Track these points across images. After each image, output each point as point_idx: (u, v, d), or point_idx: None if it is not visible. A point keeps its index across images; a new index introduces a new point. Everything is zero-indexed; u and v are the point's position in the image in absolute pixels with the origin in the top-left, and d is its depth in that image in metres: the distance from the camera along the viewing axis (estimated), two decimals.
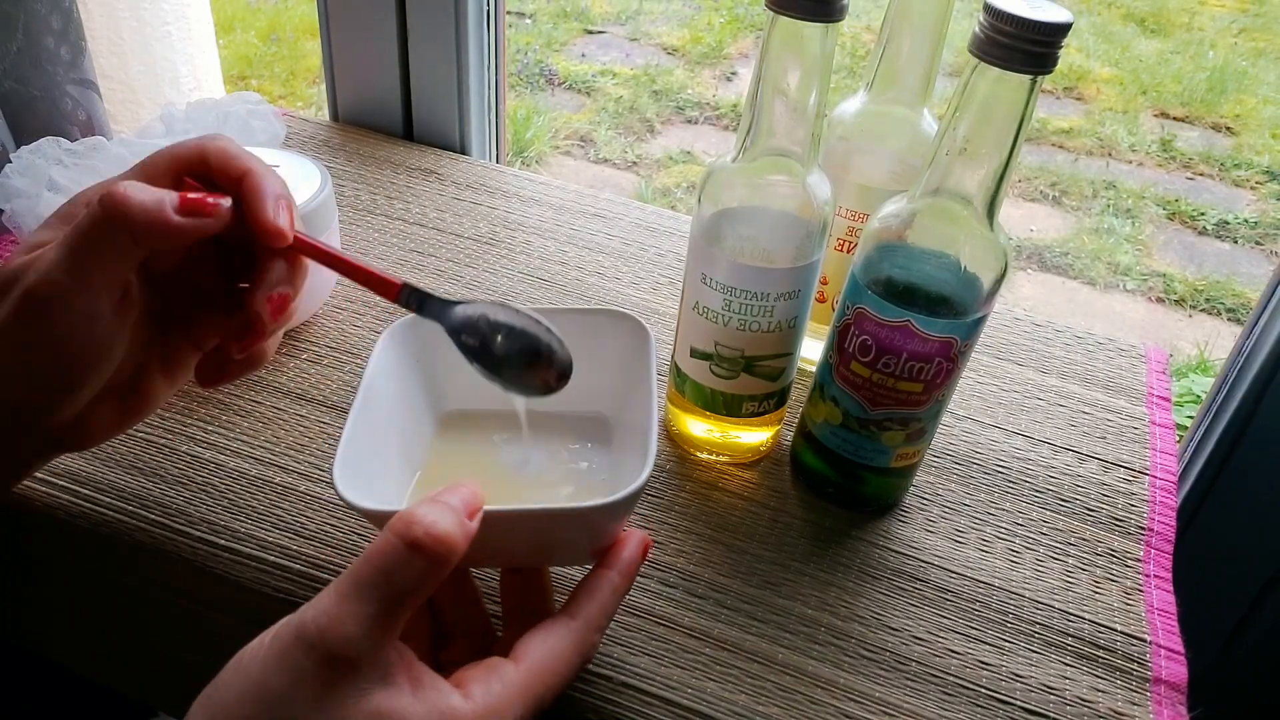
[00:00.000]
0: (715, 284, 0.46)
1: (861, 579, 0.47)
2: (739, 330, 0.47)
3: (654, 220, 0.75)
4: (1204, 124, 2.47)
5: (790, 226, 0.45)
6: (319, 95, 2.35)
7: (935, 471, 0.54)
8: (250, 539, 0.46)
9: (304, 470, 0.50)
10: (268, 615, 0.44)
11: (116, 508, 0.47)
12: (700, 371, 0.49)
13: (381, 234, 0.70)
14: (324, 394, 0.55)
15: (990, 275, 0.42)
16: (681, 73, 2.62)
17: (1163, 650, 0.45)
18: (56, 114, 0.68)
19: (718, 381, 0.49)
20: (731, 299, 0.46)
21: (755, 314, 0.46)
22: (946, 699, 0.42)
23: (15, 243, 0.64)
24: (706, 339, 0.48)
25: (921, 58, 0.48)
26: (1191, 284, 1.93)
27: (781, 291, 0.46)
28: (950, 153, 0.40)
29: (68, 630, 0.56)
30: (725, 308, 0.46)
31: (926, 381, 0.44)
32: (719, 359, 0.48)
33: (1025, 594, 0.47)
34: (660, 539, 0.48)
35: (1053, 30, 0.36)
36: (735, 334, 0.47)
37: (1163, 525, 0.52)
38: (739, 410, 0.50)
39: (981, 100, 0.38)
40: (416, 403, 0.45)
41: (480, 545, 0.33)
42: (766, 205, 0.46)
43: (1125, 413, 0.60)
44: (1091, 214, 2.13)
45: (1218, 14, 3.00)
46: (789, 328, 0.48)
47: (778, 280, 0.45)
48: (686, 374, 0.50)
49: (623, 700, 0.41)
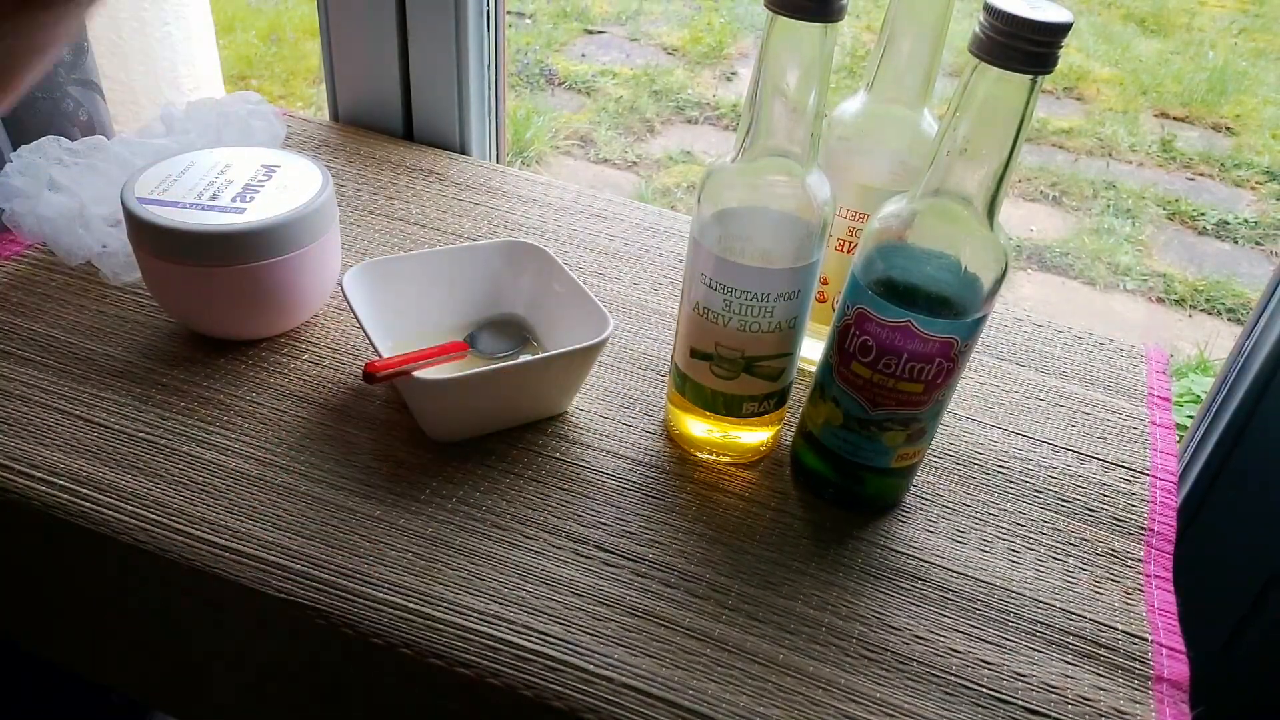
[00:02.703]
0: (715, 284, 0.46)
1: (862, 579, 0.47)
2: (739, 331, 0.47)
3: (654, 220, 0.75)
4: (1204, 124, 2.46)
5: (790, 227, 0.45)
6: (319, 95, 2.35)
7: (935, 471, 0.54)
8: (250, 539, 0.46)
9: (304, 470, 0.50)
10: (268, 615, 0.44)
11: (116, 508, 0.47)
12: (701, 372, 0.49)
13: (381, 234, 0.70)
14: (324, 395, 0.55)
15: (991, 275, 0.42)
16: (681, 73, 2.62)
17: (1164, 649, 0.45)
18: (58, 114, 0.68)
19: (718, 382, 0.49)
20: (732, 299, 0.46)
21: (755, 314, 0.46)
22: (948, 698, 0.42)
23: (15, 242, 0.64)
24: (707, 340, 0.48)
25: (921, 58, 0.48)
26: (1191, 284, 1.93)
27: (782, 292, 0.46)
28: (950, 153, 0.40)
29: (67, 630, 0.56)
30: (725, 308, 0.46)
31: (927, 382, 0.44)
32: (719, 360, 0.48)
33: (1026, 593, 0.47)
34: (661, 540, 0.48)
35: (1053, 30, 0.36)
36: (735, 334, 0.47)
37: (1163, 525, 0.52)
38: (739, 410, 0.50)
39: (982, 100, 0.38)
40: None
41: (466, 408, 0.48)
42: (766, 205, 0.46)
43: (1125, 413, 0.60)
44: (1091, 214, 2.13)
45: (1218, 14, 3.00)
46: (789, 328, 0.47)
47: (778, 280, 0.45)
48: (687, 374, 0.50)
49: (623, 701, 0.41)
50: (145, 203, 0.53)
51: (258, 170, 0.57)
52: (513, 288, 0.58)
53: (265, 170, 0.57)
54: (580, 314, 0.53)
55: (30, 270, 0.62)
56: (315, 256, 0.56)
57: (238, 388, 0.55)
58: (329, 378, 0.56)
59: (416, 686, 0.43)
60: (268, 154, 0.59)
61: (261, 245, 0.53)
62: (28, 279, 0.62)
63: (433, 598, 0.44)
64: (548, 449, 0.53)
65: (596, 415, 0.55)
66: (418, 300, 0.56)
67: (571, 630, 0.43)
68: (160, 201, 0.53)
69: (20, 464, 0.49)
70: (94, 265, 0.62)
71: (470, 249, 0.58)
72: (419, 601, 0.44)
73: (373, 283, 0.54)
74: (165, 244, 0.52)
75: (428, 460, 0.51)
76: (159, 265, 0.53)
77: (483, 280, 0.58)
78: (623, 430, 0.54)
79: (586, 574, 0.46)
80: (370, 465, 0.50)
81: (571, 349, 0.50)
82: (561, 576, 0.46)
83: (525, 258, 0.58)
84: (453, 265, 0.57)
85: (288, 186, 0.55)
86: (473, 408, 0.51)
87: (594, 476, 0.51)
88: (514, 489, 0.50)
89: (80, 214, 0.61)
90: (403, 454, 0.51)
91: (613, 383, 0.58)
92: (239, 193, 0.54)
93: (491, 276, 0.58)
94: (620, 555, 0.47)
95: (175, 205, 0.53)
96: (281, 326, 0.58)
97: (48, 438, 0.50)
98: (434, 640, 0.42)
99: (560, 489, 0.50)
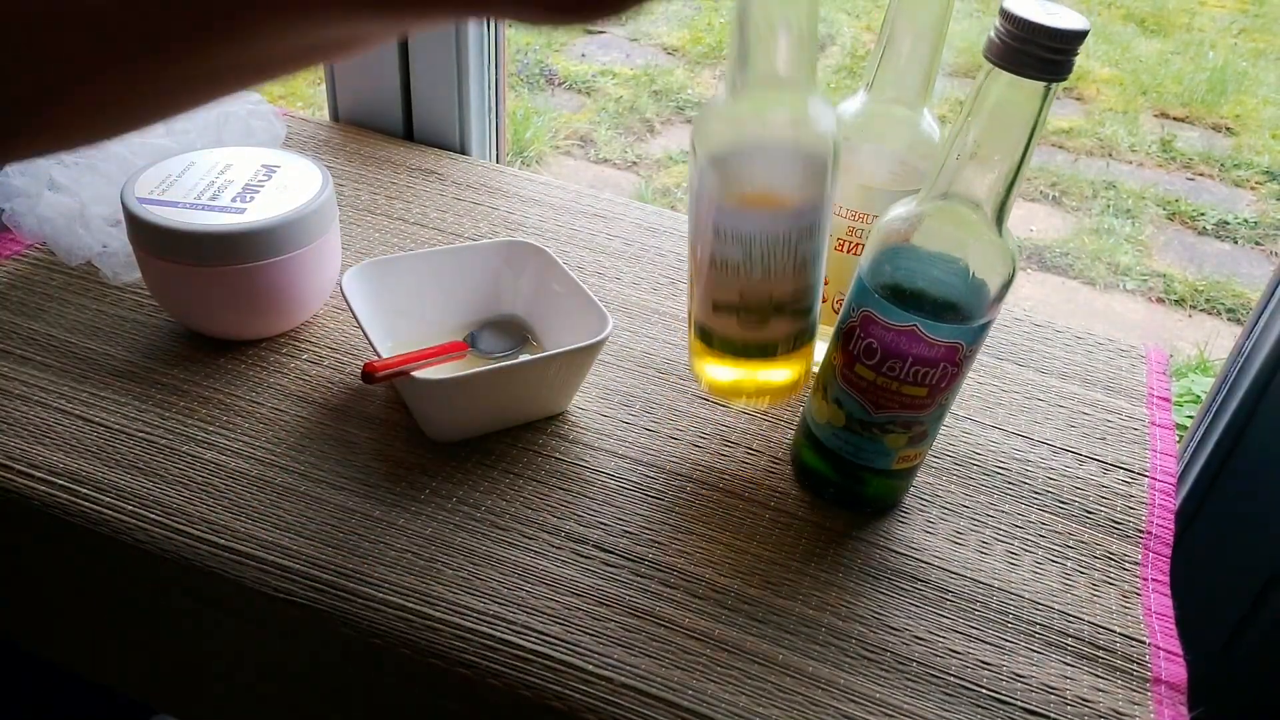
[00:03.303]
0: (730, 236, 0.43)
1: (862, 579, 0.47)
2: (763, 280, 0.45)
3: (654, 220, 0.75)
4: (1204, 124, 2.46)
5: (798, 161, 0.43)
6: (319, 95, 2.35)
7: (935, 472, 0.54)
8: (250, 539, 0.46)
9: (304, 470, 0.50)
10: (268, 615, 0.44)
11: (116, 508, 0.47)
12: (727, 325, 0.48)
13: (381, 234, 0.70)
14: (324, 394, 0.55)
15: (998, 280, 0.42)
16: (681, 73, 2.62)
17: (1161, 652, 0.45)
18: None
19: (747, 332, 0.47)
20: (753, 247, 0.44)
21: (778, 259, 0.44)
22: (947, 699, 0.42)
23: (15, 242, 0.64)
24: (729, 292, 0.46)
25: (921, 58, 0.48)
26: (1191, 284, 1.93)
27: (802, 227, 0.43)
28: (960, 156, 0.40)
29: (68, 630, 0.56)
30: (747, 257, 0.44)
31: (931, 385, 0.44)
32: (746, 310, 0.46)
33: (1025, 595, 0.47)
34: (661, 540, 0.48)
35: (1068, 38, 0.35)
36: (759, 284, 0.45)
37: (1161, 529, 0.52)
38: (774, 353, 0.49)
39: (994, 105, 0.38)
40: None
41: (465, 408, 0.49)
42: (769, 142, 0.43)
43: (1125, 413, 0.60)
44: (1091, 214, 2.13)
45: (1218, 14, 3.00)
46: (812, 263, 0.45)
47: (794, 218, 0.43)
48: (712, 329, 0.48)
49: (623, 701, 0.41)
50: (145, 203, 0.53)
51: (258, 170, 0.57)
52: (512, 288, 0.58)
53: (265, 170, 0.57)
54: (580, 314, 0.53)
55: (30, 270, 0.62)
56: (315, 257, 0.56)
57: (238, 388, 0.55)
58: (329, 378, 0.56)
59: (416, 686, 0.43)
60: (268, 154, 0.59)
61: (261, 245, 0.53)
62: (28, 279, 0.62)
63: (432, 598, 0.44)
64: (548, 449, 0.53)
65: (596, 415, 0.55)
66: (417, 300, 0.56)
67: (571, 630, 0.43)
68: (160, 201, 0.53)
69: (20, 464, 0.49)
70: (94, 265, 0.62)
71: (470, 249, 0.58)
72: (419, 601, 0.44)
73: (372, 283, 0.54)
74: (165, 244, 0.52)
75: (427, 460, 0.51)
76: (159, 265, 0.53)
77: (482, 280, 0.58)
78: (623, 430, 0.54)
79: (586, 574, 0.46)
80: (370, 465, 0.50)
81: (571, 348, 0.50)
82: (561, 576, 0.46)
83: (525, 258, 0.58)
84: (453, 265, 0.57)
85: (288, 186, 0.55)
86: (472, 408, 0.51)
87: (594, 476, 0.51)
88: (514, 489, 0.50)
89: (80, 214, 0.61)
90: (402, 454, 0.51)
91: (612, 382, 0.58)
92: (239, 193, 0.54)
93: (491, 276, 0.58)
94: (620, 555, 0.47)
95: (175, 205, 0.53)
96: (281, 326, 0.58)
97: (48, 437, 0.50)
98: (434, 640, 0.42)
99: (560, 489, 0.50)
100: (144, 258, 0.54)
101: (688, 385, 0.58)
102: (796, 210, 0.43)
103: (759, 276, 0.44)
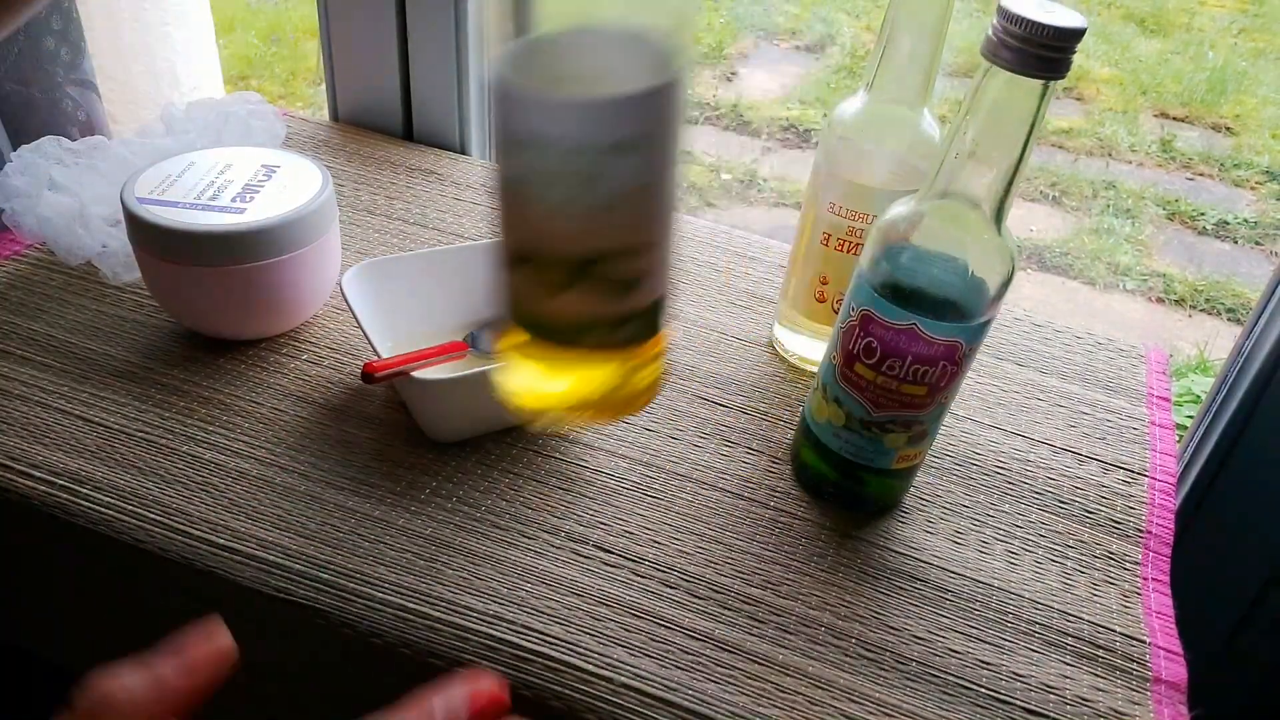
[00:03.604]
0: (518, 137, 0.29)
1: (862, 579, 0.47)
2: (564, 215, 0.30)
3: None
4: (1204, 124, 2.46)
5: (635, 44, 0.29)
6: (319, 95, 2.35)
7: (935, 472, 0.54)
8: (250, 539, 0.46)
9: (304, 470, 0.50)
10: (268, 615, 0.44)
11: (116, 508, 0.47)
12: (522, 286, 0.32)
13: (381, 234, 0.70)
14: (324, 395, 0.55)
15: (997, 279, 0.42)
16: None
17: (1161, 652, 0.45)
18: (57, 114, 0.68)
19: (542, 298, 0.32)
20: (544, 158, 0.29)
21: (581, 182, 0.29)
22: (947, 699, 0.42)
23: (15, 242, 0.64)
24: (521, 231, 0.31)
25: (921, 58, 0.48)
26: (1191, 284, 1.93)
27: (618, 139, 0.28)
28: (959, 155, 0.40)
29: (68, 630, 0.56)
30: (539, 178, 0.29)
31: (931, 384, 0.44)
32: (540, 263, 0.31)
33: (1025, 595, 0.47)
34: (661, 540, 0.48)
35: (1066, 36, 0.35)
36: (557, 220, 0.30)
37: (1161, 528, 0.52)
38: (578, 339, 0.33)
39: (992, 103, 0.38)
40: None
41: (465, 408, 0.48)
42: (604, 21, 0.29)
43: (1125, 413, 0.60)
44: (1091, 214, 2.13)
45: (1218, 14, 3.00)
46: (645, 201, 0.30)
47: (611, 117, 0.28)
48: (503, 293, 0.33)
49: (623, 702, 0.41)
50: (145, 203, 0.53)
51: (257, 170, 0.57)
52: None
53: (265, 170, 0.57)
54: None
55: (30, 270, 0.62)
56: (315, 257, 0.56)
57: (238, 388, 0.55)
58: (329, 378, 0.56)
59: (416, 686, 0.43)
60: (268, 154, 0.59)
61: (261, 245, 0.53)
62: (28, 279, 0.62)
63: (432, 598, 0.44)
64: (547, 449, 0.53)
65: None
66: (417, 300, 0.56)
67: (571, 630, 0.43)
68: (160, 201, 0.53)
69: (20, 464, 0.49)
70: (94, 265, 0.62)
71: (470, 249, 0.58)
72: (418, 601, 0.44)
73: (372, 283, 0.54)
74: (165, 244, 0.52)
75: (427, 460, 0.51)
76: (159, 265, 0.53)
77: (482, 280, 0.58)
78: (622, 430, 0.54)
79: (586, 574, 0.46)
80: (370, 465, 0.50)
81: None
82: (561, 576, 0.46)
83: None
84: (453, 265, 0.57)
85: (287, 186, 0.55)
86: (472, 408, 0.51)
87: (594, 476, 0.51)
88: (513, 489, 0.50)
89: (80, 214, 0.61)
90: (402, 454, 0.51)
91: None
92: (239, 193, 0.54)
93: None
94: (620, 555, 0.47)
95: (175, 205, 0.53)
96: (281, 327, 0.58)
97: (48, 437, 0.50)
98: (433, 640, 0.42)
99: (560, 489, 0.50)
100: (144, 258, 0.54)
101: (688, 385, 0.58)
102: (617, 102, 0.28)
103: (553, 204, 0.29)
